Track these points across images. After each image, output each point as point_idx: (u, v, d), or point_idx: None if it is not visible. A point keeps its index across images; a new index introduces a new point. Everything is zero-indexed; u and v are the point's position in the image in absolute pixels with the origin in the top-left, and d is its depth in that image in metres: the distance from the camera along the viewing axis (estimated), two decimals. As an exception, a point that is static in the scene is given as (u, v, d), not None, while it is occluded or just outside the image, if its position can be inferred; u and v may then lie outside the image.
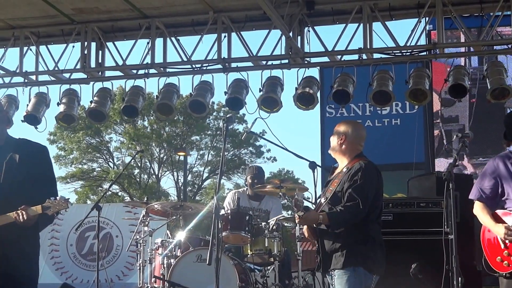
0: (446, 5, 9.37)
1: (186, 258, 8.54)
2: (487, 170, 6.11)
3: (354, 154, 6.17)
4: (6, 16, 10.27)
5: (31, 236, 5.17)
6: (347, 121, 6.80)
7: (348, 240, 5.87)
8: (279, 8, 9.08)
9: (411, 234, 8.35)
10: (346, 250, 5.85)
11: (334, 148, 6.20)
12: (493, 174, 6.02)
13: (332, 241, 5.89)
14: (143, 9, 9.99)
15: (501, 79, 9.16)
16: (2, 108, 5.66)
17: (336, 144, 6.17)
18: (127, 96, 10.44)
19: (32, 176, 5.06)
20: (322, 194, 6.08)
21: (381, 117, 13.26)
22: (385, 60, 9.76)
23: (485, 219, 6.09)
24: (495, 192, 6.02)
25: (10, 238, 4.98)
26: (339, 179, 6.02)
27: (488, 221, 6.04)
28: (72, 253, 16.08)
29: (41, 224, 5.14)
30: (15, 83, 10.88)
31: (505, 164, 5.97)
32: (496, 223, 5.95)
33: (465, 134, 6.75)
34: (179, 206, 9.41)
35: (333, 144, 6.20)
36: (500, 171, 5.97)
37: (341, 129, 6.20)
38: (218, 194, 6.70)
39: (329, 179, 6.20)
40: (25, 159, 5.11)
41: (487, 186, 6.05)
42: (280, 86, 9.97)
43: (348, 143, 6.17)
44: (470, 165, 12.45)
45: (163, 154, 38.53)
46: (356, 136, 6.24)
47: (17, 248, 5.04)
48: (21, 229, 4.95)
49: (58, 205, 4.93)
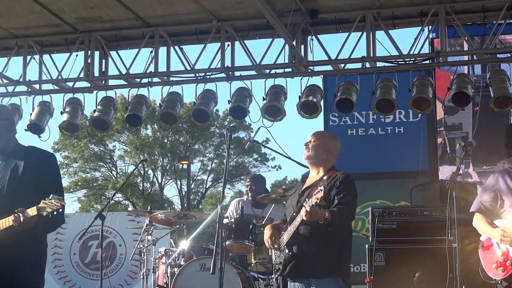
0: (449, 13, 9.38)
1: (189, 267, 8.54)
2: (488, 185, 6.32)
3: (331, 165, 6.38)
4: (9, 25, 10.29)
5: (35, 245, 5.13)
6: (329, 133, 7.04)
7: (331, 249, 6.03)
8: (283, 17, 9.08)
9: (414, 242, 8.33)
10: (329, 260, 6.01)
11: (314, 157, 6.35)
12: (492, 188, 6.21)
13: (313, 248, 6.01)
14: (146, 18, 10.01)
15: (504, 87, 9.16)
16: (9, 116, 5.60)
17: (319, 155, 6.33)
18: (130, 105, 10.45)
19: (37, 184, 5.04)
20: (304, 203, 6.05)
21: (384, 125, 13.23)
22: (388, 68, 9.77)
23: (482, 227, 6.24)
24: (494, 205, 6.19)
25: (13, 248, 4.95)
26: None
27: (485, 227, 6.20)
28: (75, 262, 16.05)
29: (41, 229, 5.06)
30: (19, 92, 10.89)
31: (504, 179, 6.16)
32: (492, 228, 6.10)
33: (468, 142, 6.85)
34: (182, 215, 9.43)
35: (314, 154, 6.34)
36: (499, 185, 6.16)
37: (326, 141, 6.41)
38: (222, 203, 6.70)
39: (305, 188, 6.28)
40: (31, 166, 5.11)
41: (487, 199, 6.22)
42: (284, 94, 9.97)
43: (331, 156, 6.41)
44: (475, 173, 12.43)
45: (166, 163, 38.59)
46: (338, 149, 6.50)
47: (20, 258, 5.01)
48: (24, 238, 4.93)
49: (52, 204, 4.85)
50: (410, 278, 7.91)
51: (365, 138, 13.31)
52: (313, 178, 6.33)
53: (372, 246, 8.36)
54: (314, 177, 6.33)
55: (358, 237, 9.46)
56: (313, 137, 6.42)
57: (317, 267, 6.02)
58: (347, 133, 13.41)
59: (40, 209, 4.86)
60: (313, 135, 6.46)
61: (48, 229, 5.24)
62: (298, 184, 6.65)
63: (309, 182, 6.32)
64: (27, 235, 4.96)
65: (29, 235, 4.97)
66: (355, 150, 13.28)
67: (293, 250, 6.10)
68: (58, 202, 4.84)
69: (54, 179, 5.24)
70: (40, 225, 4.98)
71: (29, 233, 4.96)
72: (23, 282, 5.02)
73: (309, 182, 6.33)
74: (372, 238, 8.41)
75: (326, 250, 6.04)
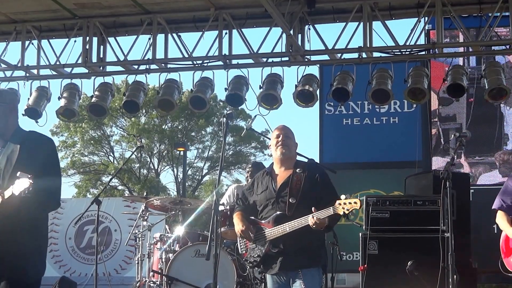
0: (445, 5, 9.43)
1: (184, 253, 8.60)
2: (509, 184, 6.90)
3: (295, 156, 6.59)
4: (8, 10, 10.31)
5: (28, 233, 5.03)
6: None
7: (317, 243, 6.26)
8: (280, 6, 9.12)
9: (407, 231, 8.40)
10: (314, 252, 6.21)
11: (289, 154, 6.43)
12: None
13: (301, 244, 6.11)
14: (145, 4, 10.03)
15: (499, 79, 9.21)
16: (10, 101, 5.40)
17: (293, 150, 6.48)
18: (128, 91, 10.48)
19: (32, 168, 4.91)
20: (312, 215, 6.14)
21: (379, 115, 13.29)
22: (385, 59, 9.82)
23: (502, 224, 6.82)
24: None
25: (4, 238, 4.92)
26: (298, 179, 6.27)
27: (505, 225, 6.78)
28: (70, 246, 16.12)
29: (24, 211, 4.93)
30: (17, 77, 10.90)
31: None
32: (510, 226, 6.73)
33: (462, 133, 6.94)
34: (178, 201, 9.46)
35: (289, 150, 6.42)
36: None
37: (292, 134, 6.52)
38: (217, 189, 6.74)
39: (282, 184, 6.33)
40: (26, 150, 5.08)
41: (508, 197, 6.79)
42: (280, 83, 10.01)
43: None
44: (466, 163, 12.51)
45: (163, 149, 38.58)
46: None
47: (12, 248, 4.95)
48: (15, 222, 4.90)
49: (21, 182, 4.76)
50: (403, 267, 7.98)
51: (360, 127, 13.37)
52: (283, 173, 6.39)
53: (366, 235, 8.42)
54: (284, 172, 6.40)
55: (352, 225, 9.54)
56: (283, 133, 6.44)
57: (305, 260, 6.14)
58: (342, 122, 13.48)
59: (15, 188, 4.77)
60: (282, 130, 6.47)
61: (33, 211, 5.06)
62: (261, 177, 6.56)
63: (282, 178, 6.36)
64: (16, 219, 4.91)
65: (17, 218, 4.91)
66: (350, 139, 13.37)
67: (280, 246, 6.17)
68: (27, 181, 4.72)
69: (48, 163, 5.17)
70: (23, 207, 4.90)
71: (14, 215, 4.89)
72: (15, 273, 4.96)
73: (282, 177, 6.36)
74: (365, 227, 8.47)
75: (312, 244, 6.19)
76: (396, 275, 8.07)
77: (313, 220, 5.94)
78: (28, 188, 4.73)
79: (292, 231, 6.08)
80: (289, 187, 6.23)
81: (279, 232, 6.15)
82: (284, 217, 6.16)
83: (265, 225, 6.28)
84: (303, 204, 6.12)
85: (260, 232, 6.31)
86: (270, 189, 6.35)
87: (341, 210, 5.89)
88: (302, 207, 6.09)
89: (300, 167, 6.36)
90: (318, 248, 6.28)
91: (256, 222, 6.37)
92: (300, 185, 6.23)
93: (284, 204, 6.21)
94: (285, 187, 6.28)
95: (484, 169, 12.49)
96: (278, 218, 6.19)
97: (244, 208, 6.54)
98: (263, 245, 6.26)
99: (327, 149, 13.60)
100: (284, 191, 6.27)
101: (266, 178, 6.44)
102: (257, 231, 6.32)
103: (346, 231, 10.31)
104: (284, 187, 6.28)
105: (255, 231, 6.33)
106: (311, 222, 5.95)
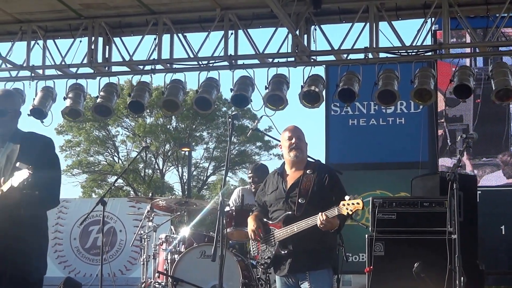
0: (452, 5, 9.41)
1: (190, 254, 8.58)
2: None
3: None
4: (13, 10, 10.31)
5: (29, 229, 5.02)
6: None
7: (327, 245, 6.24)
8: (286, 6, 9.11)
9: (414, 233, 8.35)
10: (324, 254, 6.21)
11: (302, 156, 6.46)
12: None
13: (311, 245, 6.12)
14: (150, 5, 10.03)
15: (506, 80, 9.18)
16: (16, 106, 5.37)
17: (305, 152, 6.50)
18: (133, 92, 10.48)
19: (32, 166, 4.80)
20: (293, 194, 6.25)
21: (385, 116, 13.24)
22: (391, 59, 9.79)
23: None
24: None
25: (5, 233, 4.89)
26: (308, 180, 6.30)
27: None
28: (75, 247, 16.12)
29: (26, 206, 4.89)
30: (22, 77, 10.91)
31: None
32: None
33: (469, 135, 6.90)
34: (183, 202, 9.46)
35: (302, 153, 6.44)
36: None
37: (304, 136, 6.52)
38: (223, 190, 6.73)
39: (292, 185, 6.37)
40: (26, 150, 5.07)
41: None
42: (286, 84, 9.99)
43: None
44: (470, 164, 12.47)
45: (168, 149, 38.60)
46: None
47: (14, 245, 4.92)
48: (16, 222, 4.88)
49: (20, 173, 4.73)
50: (409, 268, 7.95)
51: (366, 128, 13.33)
52: (294, 174, 6.42)
53: (372, 236, 8.39)
54: (294, 172, 6.43)
55: (358, 226, 9.50)
56: (296, 135, 6.44)
57: (313, 262, 6.15)
58: (348, 123, 13.43)
59: (14, 180, 4.75)
60: (294, 132, 6.47)
61: (33, 207, 5.02)
62: (273, 178, 6.61)
63: (292, 178, 6.39)
64: (17, 213, 4.87)
65: (18, 213, 4.88)
66: (356, 140, 13.32)
67: (289, 247, 6.17)
68: (26, 172, 4.70)
69: (47, 161, 5.13)
70: (24, 203, 4.87)
71: (15, 208, 4.85)
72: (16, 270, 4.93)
73: (292, 178, 6.39)
74: (372, 228, 8.43)
75: (322, 245, 6.18)
76: (403, 277, 8.03)
77: (320, 218, 5.93)
78: (27, 179, 4.71)
79: (301, 232, 6.07)
80: (298, 188, 6.27)
81: (287, 232, 6.16)
82: (293, 218, 6.18)
83: (274, 226, 6.30)
84: (312, 204, 6.14)
85: (270, 233, 6.32)
86: (280, 189, 6.39)
87: (345, 211, 5.90)
88: (311, 208, 6.11)
89: (311, 168, 6.38)
90: (327, 250, 6.27)
91: (266, 224, 6.37)
92: (309, 186, 6.26)
93: (293, 205, 6.25)
94: (295, 187, 6.30)
95: (491, 170, 12.44)
96: (287, 218, 6.20)
97: (260, 209, 6.59)
98: (273, 246, 6.27)
99: (333, 150, 13.56)
100: (293, 191, 6.30)
101: (277, 178, 6.48)
102: (267, 232, 6.33)
103: (352, 232, 10.27)
104: (294, 187, 6.31)
105: (265, 232, 6.33)
106: (318, 222, 5.96)
